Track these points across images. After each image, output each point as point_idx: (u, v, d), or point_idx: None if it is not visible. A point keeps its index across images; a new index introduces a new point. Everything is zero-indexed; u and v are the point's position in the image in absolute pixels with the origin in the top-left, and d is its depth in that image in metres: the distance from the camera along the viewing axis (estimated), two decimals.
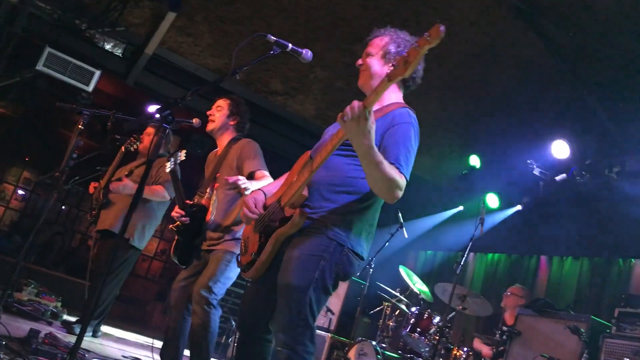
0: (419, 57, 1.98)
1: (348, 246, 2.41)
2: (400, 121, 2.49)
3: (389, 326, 5.75)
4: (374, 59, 2.65)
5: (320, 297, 2.37)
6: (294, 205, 2.43)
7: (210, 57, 6.90)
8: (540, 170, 6.66)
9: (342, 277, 2.43)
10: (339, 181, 2.47)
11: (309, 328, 2.33)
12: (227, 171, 3.87)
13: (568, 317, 4.40)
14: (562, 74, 6.46)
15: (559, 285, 6.25)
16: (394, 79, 2.07)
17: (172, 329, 3.86)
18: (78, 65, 6.61)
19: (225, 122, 4.05)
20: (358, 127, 2.10)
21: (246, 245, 2.65)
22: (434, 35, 1.93)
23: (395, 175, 2.27)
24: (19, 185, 11.23)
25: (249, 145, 3.90)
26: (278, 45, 2.72)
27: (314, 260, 2.35)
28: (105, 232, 5.12)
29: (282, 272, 2.39)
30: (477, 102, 7.41)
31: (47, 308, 5.29)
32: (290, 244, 2.43)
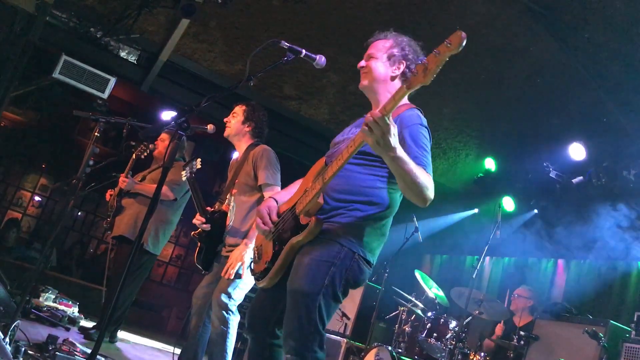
0: (439, 64, 1.93)
1: (359, 253, 2.40)
2: (410, 123, 2.47)
3: (405, 331, 5.71)
4: (378, 62, 2.64)
5: (330, 303, 2.36)
6: (309, 214, 2.42)
7: (224, 63, 6.93)
8: (556, 173, 6.60)
9: (352, 284, 2.42)
10: (353, 189, 2.46)
11: (318, 334, 2.31)
12: (244, 178, 3.93)
13: (586, 322, 4.34)
14: (578, 75, 6.41)
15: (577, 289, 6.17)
16: (414, 86, 2.02)
17: (193, 335, 3.88)
18: (93, 73, 6.66)
19: (240, 129, 4.08)
20: (384, 140, 2.07)
21: (259, 254, 2.64)
22: (455, 42, 1.89)
23: (425, 178, 2.26)
24: (35, 191, 11.34)
25: (265, 153, 3.92)
26: (292, 52, 2.72)
27: (324, 266, 2.34)
28: (120, 238, 5.16)
29: (292, 277, 2.38)
30: (492, 105, 7.36)
31: (64, 314, 5.33)
32: (301, 251, 2.42)
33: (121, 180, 5.08)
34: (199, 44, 6.74)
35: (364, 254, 2.41)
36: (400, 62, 2.63)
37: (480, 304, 5.33)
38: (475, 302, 5.32)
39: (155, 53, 6.76)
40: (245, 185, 3.92)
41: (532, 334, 4.70)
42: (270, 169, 3.85)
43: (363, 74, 2.67)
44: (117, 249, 5.33)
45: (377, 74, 2.62)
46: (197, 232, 3.89)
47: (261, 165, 3.86)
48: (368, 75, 2.64)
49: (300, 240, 2.41)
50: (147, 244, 5.11)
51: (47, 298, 5.63)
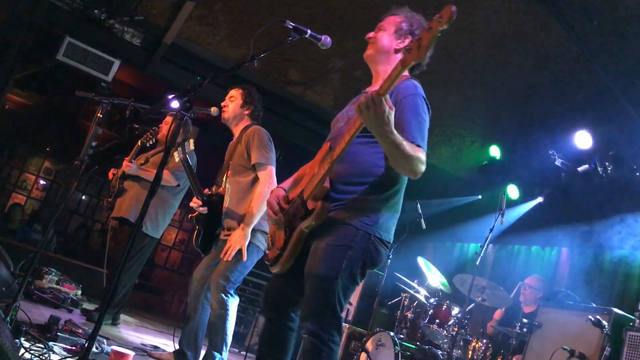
0: (432, 40, 1.96)
1: (375, 235, 2.40)
2: (406, 94, 2.47)
3: (407, 317, 5.70)
4: (385, 34, 2.67)
5: (348, 286, 2.38)
6: (316, 198, 2.42)
7: (229, 47, 6.88)
8: (562, 161, 6.55)
9: (370, 265, 2.43)
10: (360, 171, 2.46)
11: (336, 317, 2.33)
12: (238, 159, 3.92)
13: (590, 310, 4.32)
14: (585, 62, 6.35)
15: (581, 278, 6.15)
16: (408, 63, 2.04)
17: (192, 317, 3.89)
18: (97, 55, 6.63)
19: (239, 112, 4.07)
20: (376, 116, 2.09)
21: (273, 241, 2.65)
22: (446, 16, 1.92)
23: (416, 152, 2.28)
24: (39, 175, 11.36)
25: (257, 133, 3.90)
26: (296, 31, 2.71)
27: (342, 250, 2.35)
28: (121, 220, 5.16)
29: (310, 262, 2.39)
30: (498, 92, 7.31)
31: (67, 296, 5.35)
32: (317, 236, 2.42)
33: (125, 164, 5.06)
34: (203, 27, 6.68)
35: (379, 234, 2.42)
36: (405, 36, 2.66)
37: (483, 291, 5.32)
38: (478, 289, 5.31)
39: (159, 36, 6.71)
40: (239, 166, 3.90)
41: (534, 322, 4.68)
42: (262, 149, 3.82)
43: (370, 44, 2.72)
44: (117, 230, 5.33)
45: (381, 44, 2.66)
46: (194, 215, 3.89)
47: (253, 145, 3.83)
48: (373, 45, 2.69)
49: (308, 225, 2.42)
50: (146, 227, 5.10)
51: (50, 280, 5.65)
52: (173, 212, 5.37)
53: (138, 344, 4.48)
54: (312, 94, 7.38)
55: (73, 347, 3.26)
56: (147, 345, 4.56)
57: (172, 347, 5.06)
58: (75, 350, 3.22)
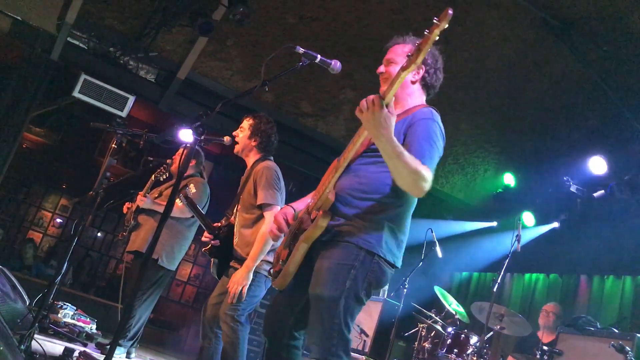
0: (430, 42, 2.00)
1: (379, 254, 2.36)
2: (420, 117, 2.46)
3: (425, 348, 5.61)
4: (397, 67, 2.62)
5: (353, 306, 2.32)
6: (319, 209, 2.41)
7: (241, 81, 6.99)
8: (577, 187, 6.50)
9: (375, 285, 2.38)
10: (366, 186, 2.44)
11: (343, 339, 2.28)
12: (247, 195, 3.93)
13: (612, 336, 4.23)
14: (597, 88, 6.36)
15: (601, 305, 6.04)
16: (409, 67, 2.08)
17: (205, 348, 3.87)
18: (112, 92, 6.75)
19: (247, 143, 4.05)
20: (374, 117, 2.10)
21: (278, 256, 2.63)
22: (443, 18, 1.97)
23: (419, 166, 2.22)
24: (56, 212, 11.45)
25: (264, 172, 3.87)
26: (307, 57, 2.73)
27: (345, 269, 2.31)
28: (136, 253, 5.17)
29: (313, 283, 2.35)
30: (511, 120, 7.32)
31: (82, 330, 5.32)
32: (320, 255, 2.40)
33: (139, 199, 5.07)
34: (216, 62, 6.81)
35: (383, 254, 2.37)
36: (419, 67, 2.62)
37: (502, 319, 5.23)
38: (497, 317, 5.21)
39: (173, 71, 6.84)
40: (247, 202, 3.91)
41: (556, 349, 4.58)
42: (269, 189, 3.79)
43: (383, 80, 2.65)
44: (132, 264, 5.34)
45: None
46: (207, 249, 3.90)
47: (260, 184, 3.81)
48: (388, 81, 2.63)
49: (309, 235, 2.39)
50: (162, 259, 5.09)
51: (65, 314, 5.62)
52: (188, 244, 5.37)
53: None
54: (324, 125, 7.44)
55: None
56: None
57: None
58: None
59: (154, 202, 5.08)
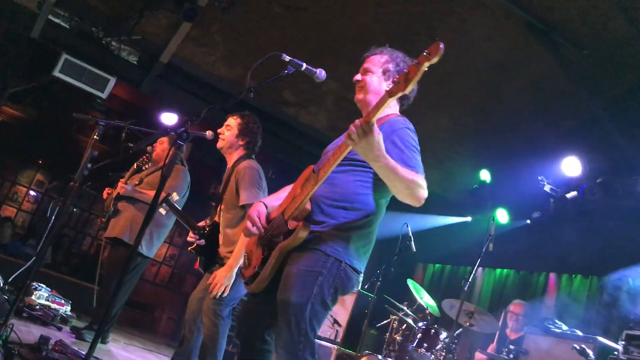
0: (419, 74, 2.03)
1: (346, 261, 2.44)
2: (396, 127, 2.53)
3: (396, 340, 5.74)
4: (373, 76, 2.69)
5: (320, 311, 2.40)
6: (297, 219, 2.47)
7: (224, 67, 6.96)
8: (551, 187, 6.64)
9: (341, 291, 2.47)
10: (339, 197, 2.51)
11: (309, 343, 2.36)
12: (229, 195, 3.95)
13: (575, 338, 4.38)
14: (574, 90, 6.46)
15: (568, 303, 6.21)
16: (395, 94, 2.11)
17: (187, 339, 3.92)
18: (94, 72, 6.69)
19: (234, 142, 4.07)
20: (368, 143, 2.14)
21: (249, 259, 2.68)
22: (434, 52, 1.99)
23: (413, 176, 2.31)
24: (31, 187, 11.34)
25: (245, 172, 3.89)
26: (292, 65, 2.76)
27: (312, 276, 2.38)
28: (115, 240, 5.18)
29: (282, 288, 2.42)
30: (489, 117, 7.41)
31: (56, 313, 5.33)
32: (289, 261, 2.47)
33: (120, 186, 5.07)
34: (199, 48, 6.77)
35: (350, 262, 2.45)
36: (394, 76, 2.68)
37: (472, 316, 5.37)
38: (467, 314, 5.35)
39: (156, 55, 6.78)
40: (229, 202, 3.94)
41: (522, 348, 4.73)
42: (251, 189, 3.82)
43: (358, 88, 2.74)
44: (110, 249, 5.35)
45: (372, 87, 2.68)
46: (193, 247, 3.94)
47: (242, 184, 3.84)
48: (363, 89, 2.71)
49: (288, 245, 2.45)
50: (141, 246, 5.12)
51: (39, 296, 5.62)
52: (167, 232, 5.40)
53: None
54: (306, 115, 7.47)
55: None
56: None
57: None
58: None
59: (134, 189, 5.09)
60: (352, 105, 2.86)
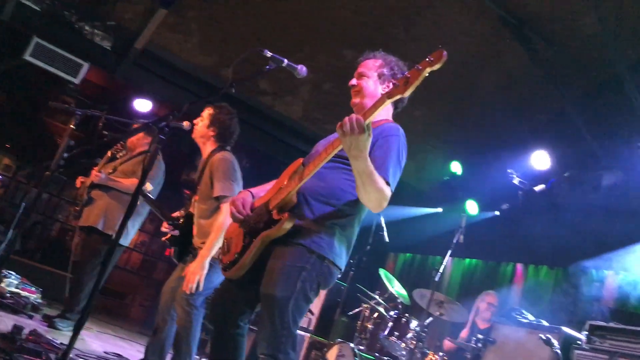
0: (420, 79, 2.09)
1: (329, 258, 2.50)
2: (388, 133, 2.58)
3: (367, 328, 5.83)
4: (369, 81, 2.74)
5: (302, 306, 2.46)
6: (282, 210, 2.51)
7: (200, 55, 6.92)
8: (520, 180, 6.80)
9: (323, 286, 2.54)
10: (327, 192, 2.55)
11: (290, 336, 2.41)
12: (204, 186, 3.96)
13: (541, 329, 4.53)
14: (545, 86, 6.60)
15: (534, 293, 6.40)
16: (394, 96, 2.17)
17: (160, 328, 3.94)
18: (66, 57, 6.58)
19: (205, 132, 4.08)
20: (357, 140, 2.18)
21: (229, 245, 2.71)
22: (437, 58, 2.06)
23: (384, 187, 2.37)
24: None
25: (220, 163, 3.90)
26: (274, 61, 2.79)
27: (296, 271, 2.43)
28: (90, 229, 5.15)
29: (266, 283, 2.46)
30: (462, 110, 7.52)
31: (27, 301, 5.28)
32: (273, 255, 2.51)
33: (94, 175, 5.02)
34: (175, 35, 6.71)
35: (333, 258, 2.51)
36: (389, 81, 2.75)
37: (442, 306, 5.49)
38: (437, 303, 5.47)
39: (130, 41, 6.70)
40: (204, 193, 3.96)
41: (490, 338, 4.88)
42: (225, 181, 3.83)
43: (354, 92, 2.78)
44: (85, 238, 5.31)
45: (367, 92, 2.74)
46: (167, 238, 3.96)
47: (216, 175, 3.85)
48: (359, 94, 2.76)
49: (271, 234, 2.49)
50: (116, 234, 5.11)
51: (9, 284, 5.56)
52: (142, 220, 5.38)
53: (101, 353, 4.49)
54: (282, 104, 7.48)
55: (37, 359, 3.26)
56: (109, 354, 4.57)
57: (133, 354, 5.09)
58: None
59: (109, 178, 5.05)
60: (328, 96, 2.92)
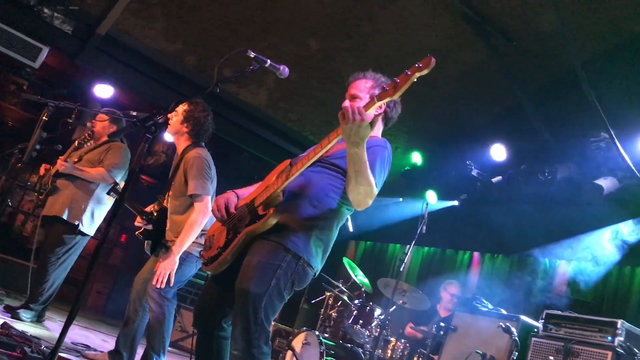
0: (408, 83, 2.18)
1: (304, 258, 2.56)
2: (377, 144, 2.69)
3: (331, 316, 5.96)
4: (362, 103, 2.79)
5: (275, 302, 2.53)
6: (268, 206, 2.57)
7: (164, 42, 6.83)
8: (478, 172, 7.02)
9: (297, 285, 2.60)
10: (312, 193, 2.62)
11: (264, 331, 2.48)
12: (178, 183, 3.98)
13: (500, 317, 4.75)
14: (503, 80, 6.81)
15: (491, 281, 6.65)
16: (383, 99, 2.26)
17: (131, 319, 3.96)
18: (25, 41, 6.41)
19: (179, 128, 4.08)
20: (359, 127, 2.27)
21: (211, 242, 2.77)
22: (425, 65, 2.15)
23: (373, 183, 2.47)
24: None
25: (194, 161, 3.91)
26: (257, 61, 2.84)
27: (271, 268, 2.49)
28: (54, 219, 5.08)
29: (241, 278, 2.51)
30: (423, 102, 7.67)
31: None
32: (250, 250, 2.57)
33: (60, 164, 4.92)
34: (139, 20, 6.60)
35: (308, 259, 2.58)
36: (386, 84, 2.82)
37: (405, 294, 5.67)
38: (400, 292, 5.64)
39: (92, 25, 6.56)
40: (178, 189, 3.98)
41: (451, 325, 5.07)
42: (199, 179, 3.84)
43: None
44: (48, 227, 5.24)
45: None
46: (140, 232, 3.97)
47: (191, 173, 3.86)
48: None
49: (255, 229, 2.56)
50: (82, 224, 5.07)
51: None
52: (107, 209, 5.34)
53: (68, 343, 4.46)
54: (246, 93, 7.47)
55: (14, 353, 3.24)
56: (77, 344, 4.55)
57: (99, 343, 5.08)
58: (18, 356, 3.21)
59: (75, 167, 4.98)
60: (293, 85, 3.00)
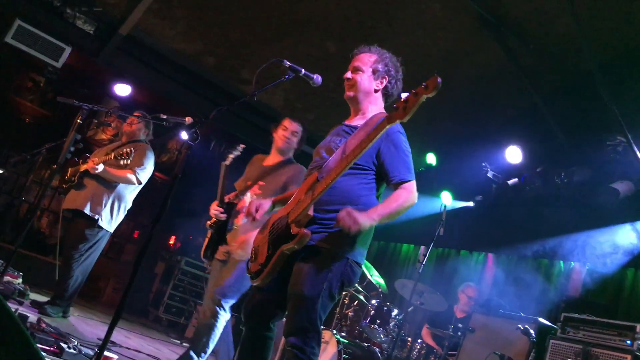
0: (417, 105, 2.30)
1: (352, 258, 2.67)
2: (394, 130, 2.78)
3: (348, 315, 6.04)
4: (363, 75, 2.91)
5: (327, 304, 2.65)
6: (299, 224, 2.66)
7: (184, 42, 6.92)
8: (493, 174, 7.06)
9: (347, 284, 2.72)
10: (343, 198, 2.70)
11: (317, 332, 2.61)
12: (273, 187, 4.00)
13: (519, 319, 4.81)
14: (519, 83, 6.85)
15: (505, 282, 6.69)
16: (394, 121, 2.38)
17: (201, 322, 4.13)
18: (48, 40, 6.52)
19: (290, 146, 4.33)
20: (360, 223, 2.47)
21: (256, 254, 2.87)
22: (431, 86, 2.26)
23: (405, 195, 2.65)
24: None
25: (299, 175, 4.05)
26: (292, 70, 2.92)
27: (322, 273, 2.61)
28: (76, 212, 5.18)
29: (294, 283, 2.64)
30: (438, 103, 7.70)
31: (15, 287, 5.29)
32: (300, 257, 2.67)
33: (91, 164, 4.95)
34: (160, 21, 6.68)
35: (355, 257, 2.69)
36: (383, 77, 2.93)
37: (422, 295, 5.73)
38: (417, 293, 5.71)
39: (113, 25, 6.65)
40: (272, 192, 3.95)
41: (469, 327, 5.14)
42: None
43: (348, 85, 2.94)
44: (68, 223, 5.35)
45: (362, 87, 2.91)
46: (212, 222, 4.04)
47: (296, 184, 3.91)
48: (353, 88, 2.92)
49: (289, 248, 2.66)
50: (102, 220, 5.16)
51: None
52: (128, 206, 5.42)
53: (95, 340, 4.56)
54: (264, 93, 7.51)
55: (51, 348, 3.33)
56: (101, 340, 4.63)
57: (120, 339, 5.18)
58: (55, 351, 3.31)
59: (106, 170, 5.03)
60: (309, 86, 3.09)
